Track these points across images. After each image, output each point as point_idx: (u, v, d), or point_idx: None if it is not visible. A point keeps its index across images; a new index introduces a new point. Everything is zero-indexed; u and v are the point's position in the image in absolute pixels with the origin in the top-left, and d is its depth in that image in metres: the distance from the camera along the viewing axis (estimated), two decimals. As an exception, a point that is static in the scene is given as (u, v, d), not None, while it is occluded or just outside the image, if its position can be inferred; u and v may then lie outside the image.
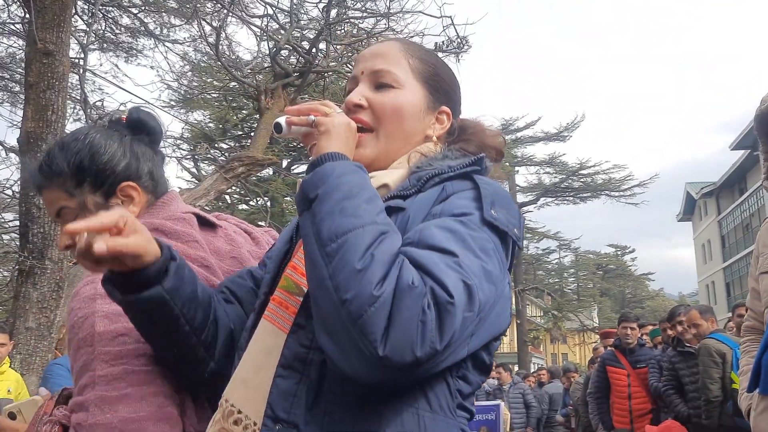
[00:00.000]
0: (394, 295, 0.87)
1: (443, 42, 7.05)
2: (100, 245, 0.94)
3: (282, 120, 1.14)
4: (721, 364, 4.61)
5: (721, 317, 15.09)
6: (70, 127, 7.77)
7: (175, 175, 34.83)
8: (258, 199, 18.17)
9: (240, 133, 18.67)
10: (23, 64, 8.91)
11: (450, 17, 7.09)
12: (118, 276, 1.08)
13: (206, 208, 10.18)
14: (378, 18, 7.63)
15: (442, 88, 1.28)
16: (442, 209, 1.05)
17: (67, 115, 6.44)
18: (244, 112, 17.38)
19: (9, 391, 4.61)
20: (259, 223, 19.80)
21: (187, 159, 17.34)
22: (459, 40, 6.97)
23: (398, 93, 1.22)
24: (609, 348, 6.72)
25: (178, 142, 16.66)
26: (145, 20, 9.47)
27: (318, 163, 1.03)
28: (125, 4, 9.16)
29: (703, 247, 43.39)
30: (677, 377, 5.29)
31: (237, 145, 17.71)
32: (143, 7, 9.38)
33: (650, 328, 6.93)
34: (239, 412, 1.05)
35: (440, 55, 7.41)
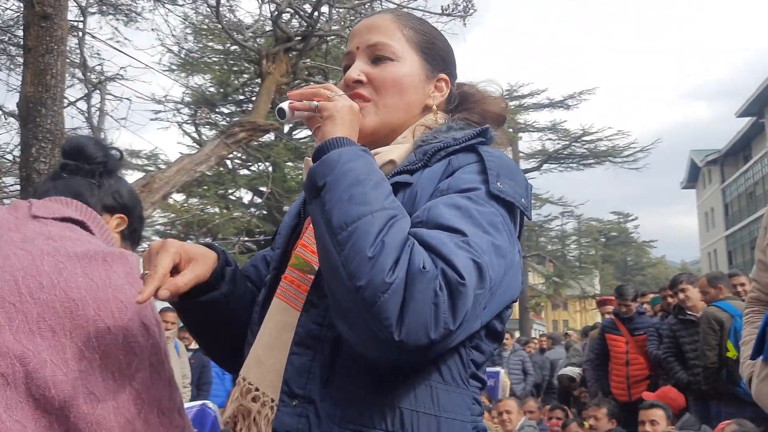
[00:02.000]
0: (406, 280, 0.88)
1: (449, 5, 6.95)
2: (164, 293, 1.01)
3: (285, 105, 1.15)
4: (719, 331, 4.65)
5: (722, 285, 15.13)
6: (70, 91, 7.69)
7: (176, 141, 34.89)
8: (259, 164, 18.15)
9: (241, 97, 18.54)
10: (21, 28, 8.81)
11: (455, -20, 6.96)
12: None
13: (207, 173, 10.16)
14: (382, -20, 7.50)
15: (438, 55, 1.28)
16: (449, 185, 1.06)
17: (66, 79, 6.36)
18: (245, 76, 17.22)
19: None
20: (261, 188, 19.83)
21: (187, 124, 17.29)
22: (465, 3, 6.87)
23: (396, 65, 1.22)
24: (608, 316, 6.75)
25: (179, 106, 16.59)
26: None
27: (324, 150, 1.04)
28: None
29: (706, 215, 43.36)
30: (678, 345, 5.33)
31: (238, 109, 17.60)
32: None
33: (651, 296, 6.95)
34: (256, 389, 1.09)
35: (446, 19, 7.31)
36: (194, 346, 6.52)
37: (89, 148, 1.46)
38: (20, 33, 8.43)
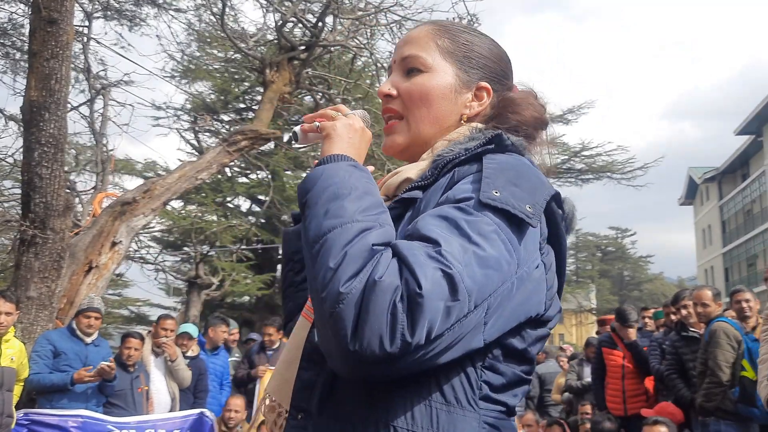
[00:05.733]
0: (363, 290, 0.87)
1: (453, 18, 6.97)
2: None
3: (298, 128, 1.18)
4: (736, 349, 4.52)
5: (719, 302, 15.12)
6: (72, 96, 7.70)
7: (176, 148, 34.88)
8: (258, 172, 18.13)
9: (242, 105, 18.56)
10: (24, 31, 8.84)
11: (459, -7, 7.00)
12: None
13: (207, 181, 10.13)
14: (386, -8, 7.54)
15: (478, 64, 1.24)
16: (446, 197, 1.02)
17: (70, 84, 6.37)
18: (246, 84, 17.25)
19: (12, 359, 4.63)
20: (260, 197, 19.81)
21: (186, 131, 17.29)
22: (469, 17, 6.89)
23: (425, 77, 1.21)
24: (607, 331, 6.73)
25: (179, 113, 16.60)
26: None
27: (315, 168, 1.05)
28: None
29: (704, 232, 43.42)
30: (680, 361, 5.27)
31: (238, 117, 17.60)
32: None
33: (653, 310, 6.92)
34: (273, 400, 1.14)
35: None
36: (191, 353, 6.48)
37: None
38: (24, 37, 8.45)
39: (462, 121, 1.22)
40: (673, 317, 5.77)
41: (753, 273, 33.46)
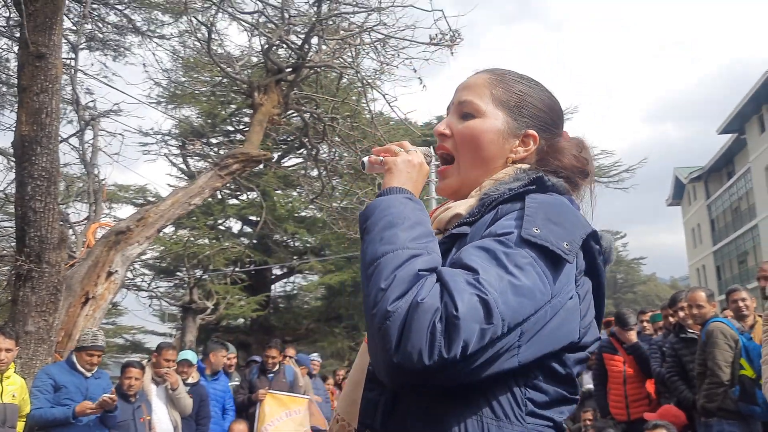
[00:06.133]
0: (408, 310, 0.98)
1: (436, 35, 7.05)
2: None
3: (366, 159, 1.35)
4: (733, 348, 4.56)
5: (713, 301, 15.19)
6: (62, 128, 7.69)
7: (164, 173, 34.77)
8: (249, 193, 18.10)
9: (229, 128, 18.58)
10: (11, 65, 8.83)
11: (441, 10, 7.09)
12: None
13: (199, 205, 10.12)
14: (369, 12, 7.60)
15: (528, 113, 1.35)
16: (489, 231, 1.13)
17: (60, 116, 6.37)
18: (232, 106, 17.27)
19: (14, 395, 4.60)
20: (251, 217, 19.79)
21: (175, 156, 17.27)
22: (451, 33, 6.97)
23: (478, 122, 1.33)
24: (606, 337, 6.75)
25: (167, 138, 16.59)
26: (132, 17, 9.39)
27: (375, 198, 1.19)
28: (111, 1, 9.07)
29: (693, 231, 43.67)
30: (681, 363, 5.28)
31: (226, 140, 17.61)
32: (130, 4, 9.30)
33: (650, 313, 6.94)
34: (342, 419, 1.26)
35: (433, 49, 7.41)
36: (191, 380, 6.46)
37: None
38: (10, 71, 8.45)
39: (508, 163, 1.32)
40: (671, 319, 5.80)
41: (744, 270, 33.68)
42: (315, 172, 10.84)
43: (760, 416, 4.25)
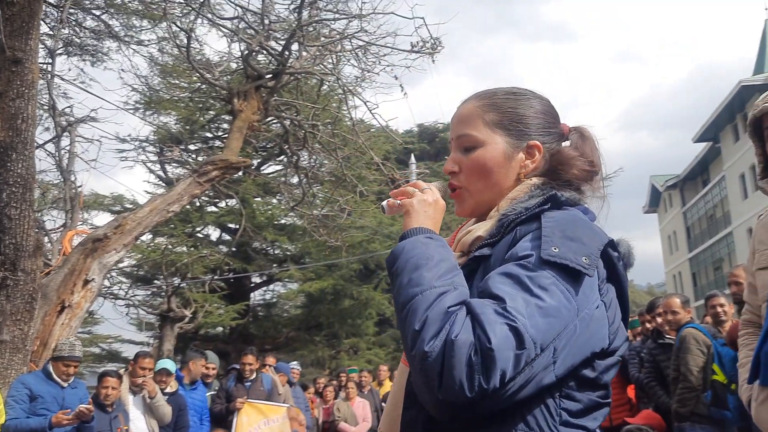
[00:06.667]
0: (444, 348, 1.03)
1: (418, 42, 7.07)
2: None
3: (385, 203, 1.40)
4: (706, 354, 4.63)
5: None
6: (38, 133, 7.60)
7: (142, 180, 34.36)
8: (228, 200, 17.96)
9: (208, 134, 18.44)
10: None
11: (422, 18, 7.12)
12: None
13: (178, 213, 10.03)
14: (350, 19, 7.61)
15: (525, 125, 1.37)
16: (510, 254, 1.18)
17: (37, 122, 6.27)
18: (211, 112, 17.16)
19: (-12, 407, 4.50)
20: (230, 225, 19.63)
21: (153, 162, 17.09)
22: (432, 40, 7.00)
23: (480, 152, 1.36)
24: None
25: (144, 145, 16.43)
26: (110, 22, 9.30)
27: (398, 242, 1.25)
28: (89, 6, 8.99)
29: (669, 239, 44.24)
30: (658, 369, 5.35)
31: (205, 146, 17.49)
32: (107, 9, 9.22)
33: (630, 319, 7.01)
34: None
35: (414, 56, 7.43)
36: (170, 389, 6.37)
37: None
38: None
39: (521, 178, 1.36)
40: (648, 325, 5.86)
41: (720, 276, 34.15)
42: (295, 179, 10.80)
43: (732, 421, 4.30)
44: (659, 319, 5.37)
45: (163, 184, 17.28)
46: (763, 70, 31.26)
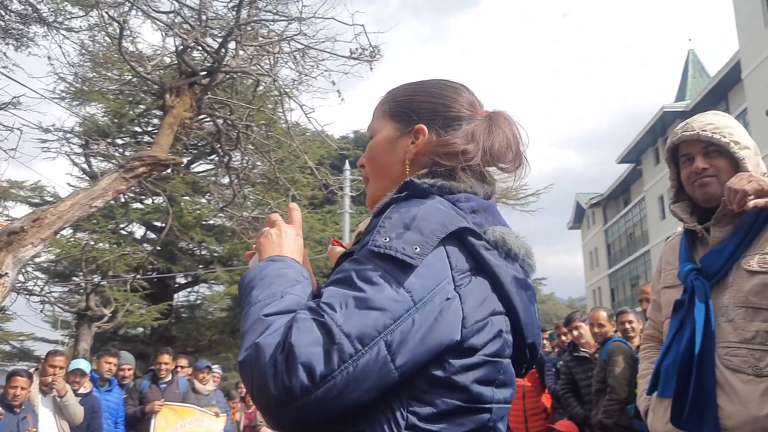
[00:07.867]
0: (255, 353, 1.01)
1: (356, 49, 7.10)
2: None
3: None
4: (632, 366, 4.72)
5: (607, 321, 15.96)
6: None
7: (64, 172, 32.99)
8: (154, 197, 17.48)
9: (137, 129, 17.93)
10: None
11: (362, 25, 7.15)
12: None
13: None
14: (290, 21, 7.56)
15: (414, 110, 1.32)
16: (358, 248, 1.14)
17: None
18: (141, 107, 16.69)
19: None
20: (155, 223, 19.10)
21: (77, 155, 16.46)
22: (371, 48, 7.04)
23: (371, 142, 1.38)
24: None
25: (68, 136, 15.80)
26: (38, 6, 8.92)
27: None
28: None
29: (591, 254, 45.83)
30: (573, 381, 5.52)
31: (133, 141, 16.97)
32: (36, -7, 8.84)
33: (549, 332, 7.23)
34: None
35: (352, 63, 7.45)
36: (83, 390, 6.15)
37: None
38: None
39: (406, 165, 1.29)
40: (564, 338, 6.05)
41: (636, 292, 35.52)
42: (226, 180, 10.61)
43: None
44: (576, 333, 5.56)
45: (87, 178, 16.66)
46: (685, 98, 32.89)
